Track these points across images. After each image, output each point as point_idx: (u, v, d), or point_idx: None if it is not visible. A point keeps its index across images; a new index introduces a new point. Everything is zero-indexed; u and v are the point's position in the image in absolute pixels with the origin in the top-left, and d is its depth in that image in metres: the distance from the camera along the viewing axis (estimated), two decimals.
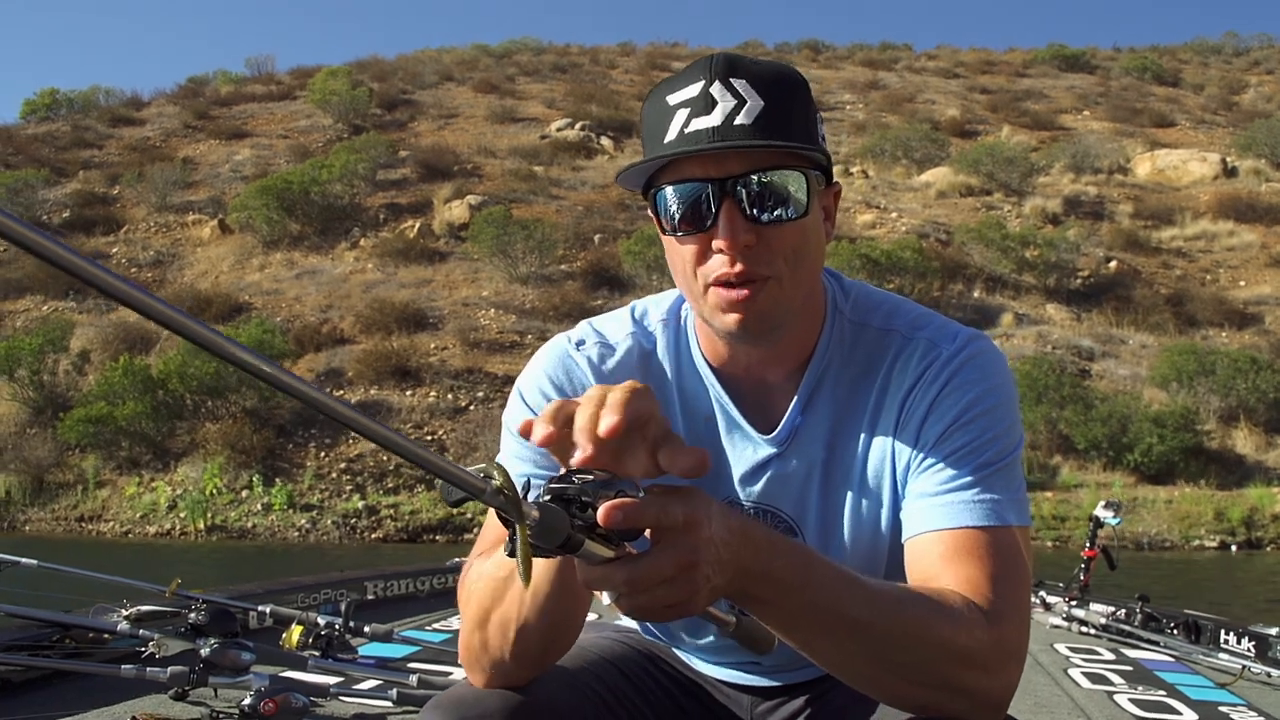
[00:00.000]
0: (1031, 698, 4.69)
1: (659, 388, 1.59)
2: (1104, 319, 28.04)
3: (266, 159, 38.24)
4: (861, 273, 26.44)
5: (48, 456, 22.43)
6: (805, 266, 1.44)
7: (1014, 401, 1.51)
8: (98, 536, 20.66)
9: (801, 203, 1.40)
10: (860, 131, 41.17)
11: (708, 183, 1.38)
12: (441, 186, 34.03)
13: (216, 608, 4.51)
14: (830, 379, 1.54)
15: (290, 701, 3.41)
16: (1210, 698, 5.00)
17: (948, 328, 1.55)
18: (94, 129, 42.65)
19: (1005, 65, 54.17)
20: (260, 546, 19.16)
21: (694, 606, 1.09)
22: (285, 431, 22.84)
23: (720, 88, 1.37)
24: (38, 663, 3.98)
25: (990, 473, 1.41)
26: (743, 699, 1.75)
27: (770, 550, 1.16)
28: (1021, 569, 1.37)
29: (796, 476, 1.55)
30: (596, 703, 1.54)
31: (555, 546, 1.00)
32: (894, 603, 1.25)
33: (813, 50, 57.94)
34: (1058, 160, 37.09)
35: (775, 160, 1.39)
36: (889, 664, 1.25)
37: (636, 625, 1.80)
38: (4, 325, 27.87)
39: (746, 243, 1.37)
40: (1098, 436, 22.03)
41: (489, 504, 0.96)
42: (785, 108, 1.39)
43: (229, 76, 50.66)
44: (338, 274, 29.77)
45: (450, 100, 45.15)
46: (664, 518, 1.03)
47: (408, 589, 6.95)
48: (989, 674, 1.28)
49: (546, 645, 1.38)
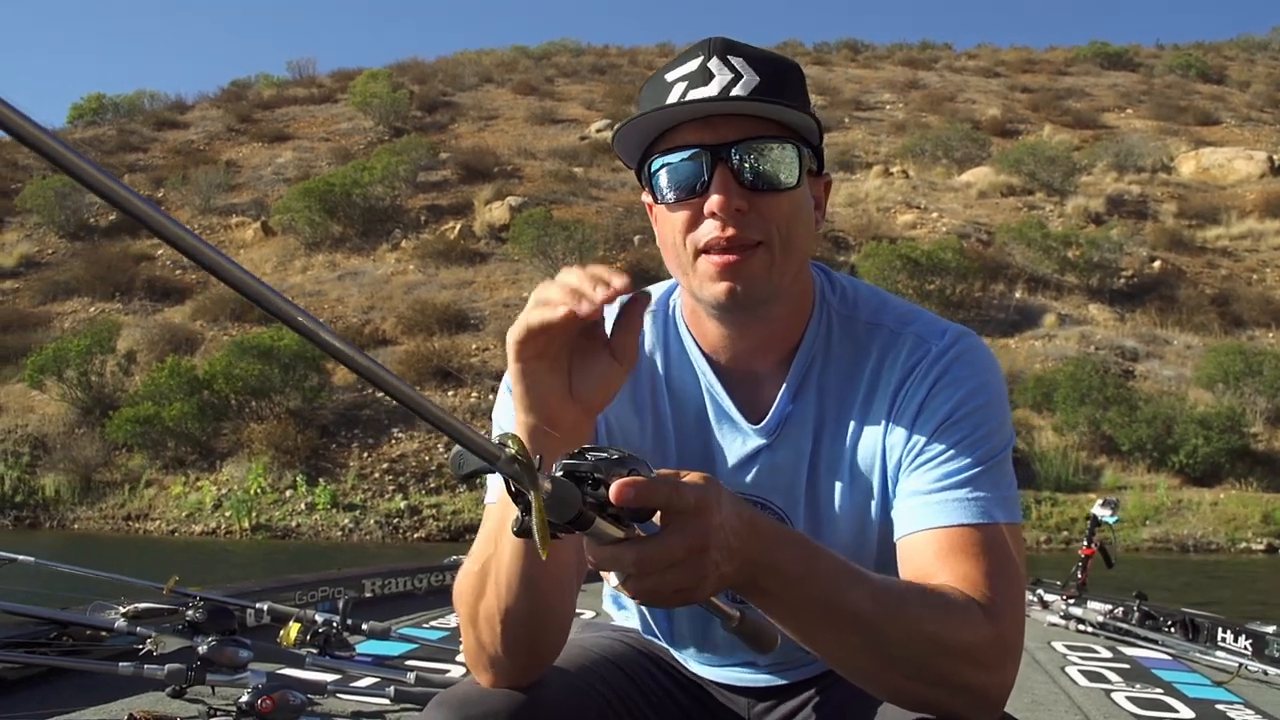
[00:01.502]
0: (1029, 695, 4.69)
1: (648, 380, 1.60)
2: (1148, 319, 27.75)
3: (308, 161, 38.54)
4: (902, 273, 26.37)
5: (95, 456, 22.70)
6: (795, 241, 1.45)
7: (1004, 399, 1.52)
8: (144, 535, 20.87)
9: (794, 174, 1.42)
10: (900, 131, 40.96)
11: (703, 149, 1.40)
12: (482, 188, 34.16)
13: (214, 605, 4.49)
14: (818, 369, 1.55)
15: (288, 699, 3.39)
16: (1207, 695, 5.02)
17: (935, 324, 1.56)
18: (139, 133, 43.08)
19: (1046, 64, 53.73)
20: (304, 546, 19.31)
21: (701, 592, 1.09)
22: (328, 432, 23.02)
23: (718, 62, 1.41)
24: (35, 660, 3.96)
25: (982, 470, 1.42)
26: (740, 699, 1.75)
27: (776, 541, 1.17)
28: (1015, 566, 1.38)
29: (786, 467, 1.56)
30: (600, 703, 1.54)
31: (565, 522, 0.99)
32: (896, 597, 1.25)
33: (852, 50, 57.66)
34: (1100, 159, 36.76)
35: (770, 130, 1.41)
36: (890, 658, 1.25)
37: (637, 625, 1.81)
38: (52, 326, 28.22)
39: (739, 207, 1.39)
40: (1142, 438, 21.81)
41: (503, 473, 0.95)
42: (780, 83, 1.43)
43: (271, 80, 51.03)
44: (379, 275, 29.95)
45: (490, 102, 45.31)
46: (676, 499, 1.03)
47: (406, 587, 6.91)
48: (988, 670, 1.29)
49: (534, 636, 1.37)
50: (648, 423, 1.59)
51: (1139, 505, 20.55)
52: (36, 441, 23.43)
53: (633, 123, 1.43)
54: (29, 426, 23.89)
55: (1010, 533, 1.40)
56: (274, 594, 5.60)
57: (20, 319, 28.54)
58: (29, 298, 30.15)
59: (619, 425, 1.59)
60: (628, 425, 1.59)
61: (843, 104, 44.88)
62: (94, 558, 7.30)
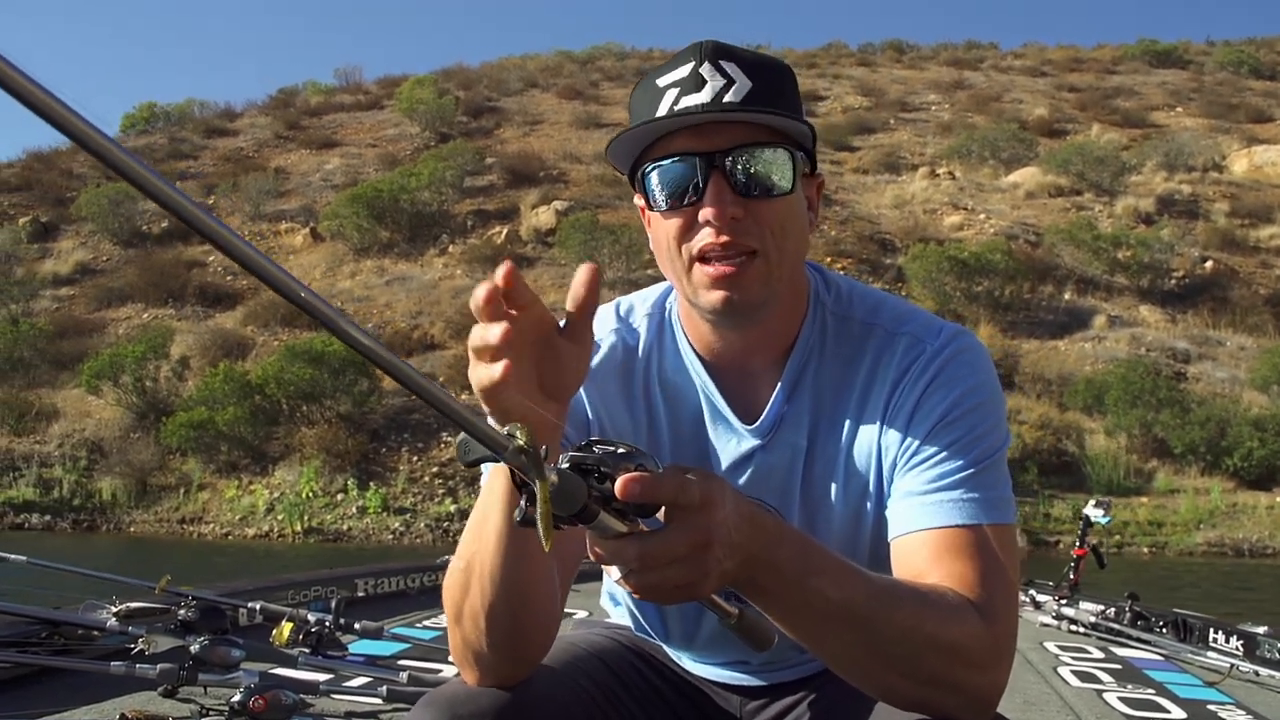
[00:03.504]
0: (1021, 696, 4.70)
1: (643, 383, 1.60)
2: (1200, 320, 27.39)
3: (356, 168, 38.85)
4: (950, 275, 26.22)
5: (150, 460, 23.05)
6: (790, 245, 1.44)
7: (999, 398, 1.51)
8: (199, 538, 21.17)
9: (788, 179, 1.42)
10: (946, 132, 40.66)
11: (696, 156, 1.39)
12: (528, 193, 34.26)
13: (206, 604, 4.52)
14: (813, 369, 1.55)
15: (280, 698, 3.36)
16: (1199, 696, 5.03)
17: (932, 324, 1.55)
18: (189, 141, 43.66)
19: (1094, 62, 53.21)
20: (356, 549, 19.49)
21: (703, 589, 1.09)
22: (379, 436, 23.22)
23: (710, 68, 1.40)
24: (26, 659, 3.91)
25: (977, 471, 1.42)
26: (733, 698, 1.75)
27: (778, 538, 1.16)
28: (1010, 566, 1.38)
29: (780, 467, 1.56)
30: (588, 701, 1.53)
31: (570, 515, 0.98)
32: (894, 596, 1.25)
33: (897, 51, 57.35)
34: (1150, 158, 36.29)
35: (764, 137, 1.41)
36: (886, 657, 1.24)
37: (629, 623, 1.80)
38: (107, 332, 28.67)
39: (734, 214, 1.39)
40: (1195, 440, 21.54)
41: (509, 463, 0.95)
42: (773, 88, 1.42)
43: (318, 87, 51.50)
44: (427, 280, 30.14)
45: (535, 107, 45.44)
46: (682, 495, 1.03)
47: (398, 586, 6.92)
48: (982, 670, 1.29)
49: (519, 634, 1.36)
50: (642, 422, 1.60)
51: (1192, 509, 20.32)
52: (93, 446, 23.83)
53: (627, 133, 1.42)
54: (86, 431, 24.29)
55: (1004, 533, 1.41)
56: (266, 593, 5.62)
57: (76, 325, 29.04)
58: (84, 304, 30.66)
59: (613, 424, 1.59)
60: (622, 425, 1.59)
61: (888, 105, 44.66)
62: (150, 563, 7.38)
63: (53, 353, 26.98)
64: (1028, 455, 21.84)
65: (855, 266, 29.20)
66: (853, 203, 33.77)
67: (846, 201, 33.71)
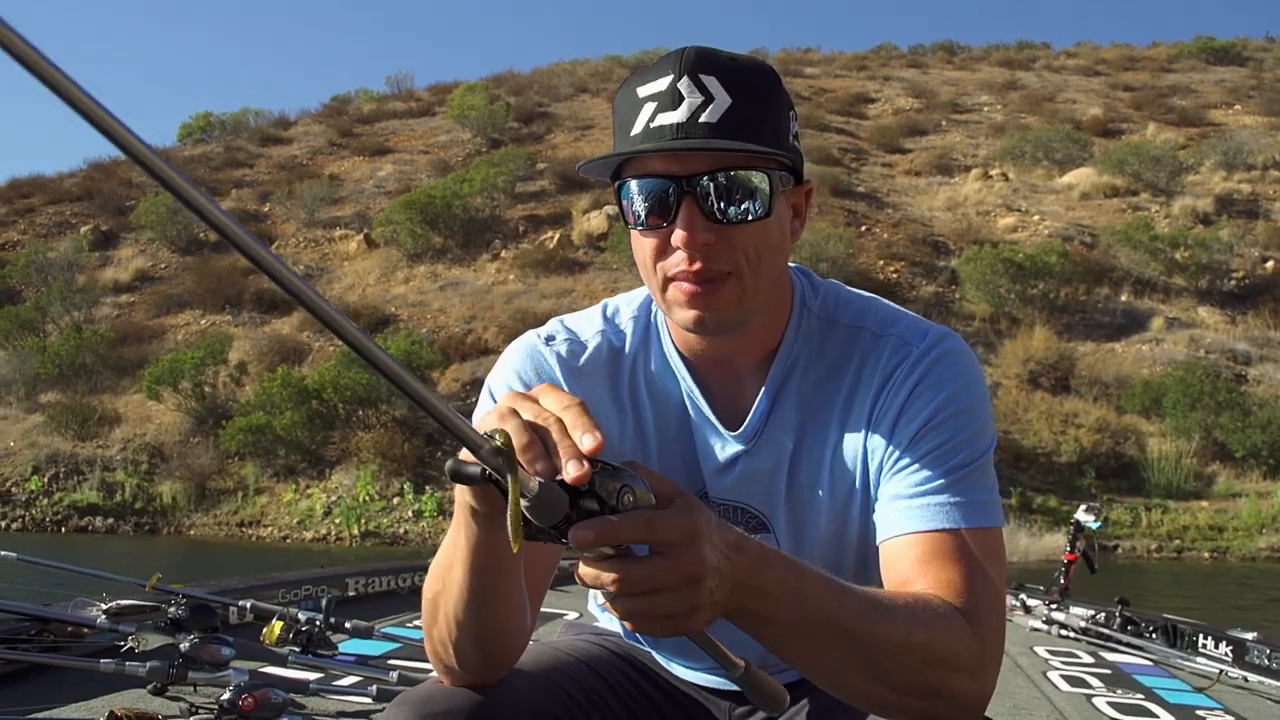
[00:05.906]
0: (1010, 700, 4.69)
1: (629, 384, 1.59)
2: (1260, 322, 27.00)
3: (408, 174, 39.19)
4: (1004, 277, 26.02)
5: (210, 464, 23.44)
6: (766, 266, 1.42)
7: (986, 401, 1.49)
8: (257, 541, 21.47)
9: (764, 203, 1.37)
10: (999, 133, 40.30)
11: (669, 179, 1.36)
12: (579, 197, 34.37)
13: (196, 602, 4.54)
14: (798, 373, 1.53)
15: (270, 697, 3.34)
16: (1188, 701, 5.01)
17: (918, 326, 1.53)
18: (245, 149, 44.23)
19: (1149, 61, 52.51)
20: (413, 552, 19.66)
21: (696, 621, 1.07)
22: (434, 440, 23.39)
23: (689, 83, 1.35)
24: (15, 656, 3.88)
25: (964, 474, 1.40)
26: (722, 703, 1.74)
27: (764, 563, 1.14)
28: (997, 570, 1.37)
29: (765, 471, 1.54)
30: (568, 703, 1.52)
31: (549, 527, 0.97)
32: (882, 610, 1.24)
33: (948, 52, 56.93)
34: (1208, 158, 35.77)
35: (739, 161, 1.36)
36: (876, 671, 1.23)
37: (619, 629, 1.80)
38: (166, 339, 29.16)
39: (705, 241, 1.36)
40: (1256, 444, 21.28)
41: (486, 463, 0.95)
42: (753, 106, 1.37)
43: (370, 95, 51.94)
44: (480, 285, 30.35)
45: (585, 112, 45.56)
46: (656, 532, 1.01)
47: (389, 585, 6.91)
48: (971, 677, 1.28)
49: (489, 636, 1.35)
50: (629, 426, 1.58)
51: (1254, 513, 20.03)
52: (154, 450, 24.26)
53: (598, 160, 1.41)
54: (147, 436, 24.73)
55: (991, 537, 1.39)
56: (257, 592, 5.62)
57: (137, 332, 29.62)
58: (144, 311, 31.22)
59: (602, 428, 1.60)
60: (608, 426, 1.54)
61: (940, 107, 44.35)
62: (211, 566, 7.46)
63: (114, 359, 27.58)
64: (1085, 459, 21.64)
65: (908, 269, 29.06)
66: (905, 205, 33.60)
67: (899, 204, 33.55)
